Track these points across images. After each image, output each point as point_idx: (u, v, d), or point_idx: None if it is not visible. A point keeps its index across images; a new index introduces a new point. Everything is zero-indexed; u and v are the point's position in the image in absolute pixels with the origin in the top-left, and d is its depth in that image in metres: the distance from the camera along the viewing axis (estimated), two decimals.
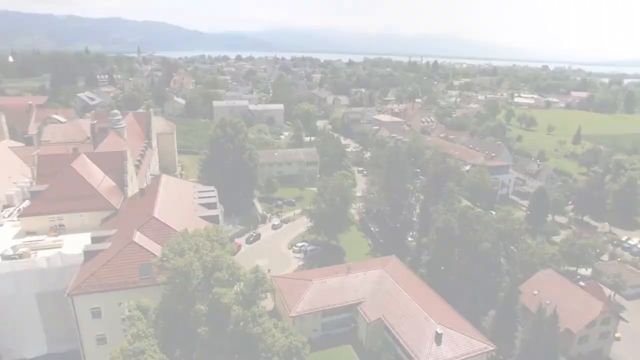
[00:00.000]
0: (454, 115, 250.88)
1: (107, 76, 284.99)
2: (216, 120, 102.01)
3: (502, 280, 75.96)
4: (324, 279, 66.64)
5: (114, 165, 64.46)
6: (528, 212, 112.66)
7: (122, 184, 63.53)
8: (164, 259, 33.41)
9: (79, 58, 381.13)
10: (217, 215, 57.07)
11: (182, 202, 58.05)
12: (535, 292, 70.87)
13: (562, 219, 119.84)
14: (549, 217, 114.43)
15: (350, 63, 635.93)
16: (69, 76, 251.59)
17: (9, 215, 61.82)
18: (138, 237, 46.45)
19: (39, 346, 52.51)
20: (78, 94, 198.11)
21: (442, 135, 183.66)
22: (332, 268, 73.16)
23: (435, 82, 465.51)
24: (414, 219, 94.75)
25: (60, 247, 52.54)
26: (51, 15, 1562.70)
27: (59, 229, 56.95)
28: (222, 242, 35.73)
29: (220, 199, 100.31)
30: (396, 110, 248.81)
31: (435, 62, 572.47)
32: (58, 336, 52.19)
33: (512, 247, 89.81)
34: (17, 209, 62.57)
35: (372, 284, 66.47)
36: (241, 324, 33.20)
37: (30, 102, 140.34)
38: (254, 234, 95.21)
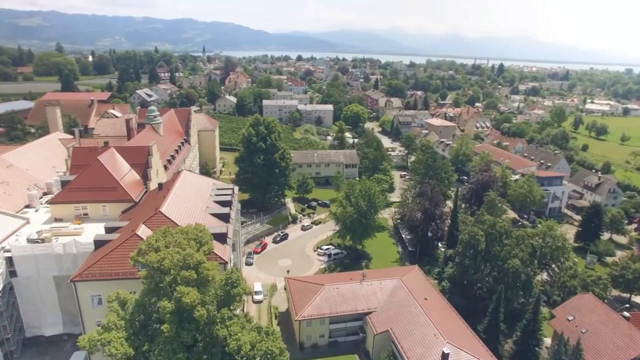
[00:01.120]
0: (513, 120, 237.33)
1: (169, 74, 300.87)
2: (251, 119, 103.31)
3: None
4: (337, 284, 64.93)
5: (139, 159, 67.28)
6: (580, 229, 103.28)
7: (145, 178, 66.15)
8: (140, 253, 33.89)
9: (148, 57, 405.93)
10: (228, 214, 57.37)
11: (196, 199, 59.12)
12: (570, 318, 64.29)
13: (622, 239, 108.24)
14: (605, 236, 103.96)
15: (412, 65, 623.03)
16: (134, 74, 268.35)
17: (46, 202, 66.43)
18: (141, 230, 47.78)
19: (56, 325, 55.80)
20: (137, 91, 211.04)
21: (495, 141, 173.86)
22: (347, 274, 71.31)
23: (499, 86, 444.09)
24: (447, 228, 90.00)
25: (80, 235, 55.45)
26: (130, 18, 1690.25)
27: (83, 218, 60.25)
28: (201, 241, 35.58)
29: (252, 197, 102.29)
30: (451, 115, 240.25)
31: (501, 65, 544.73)
32: (73, 318, 55.11)
33: (553, 266, 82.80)
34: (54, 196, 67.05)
35: (385, 294, 63.73)
36: (213, 324, 32.86)
37: (92, 98, 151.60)
38: (282, 234, 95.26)
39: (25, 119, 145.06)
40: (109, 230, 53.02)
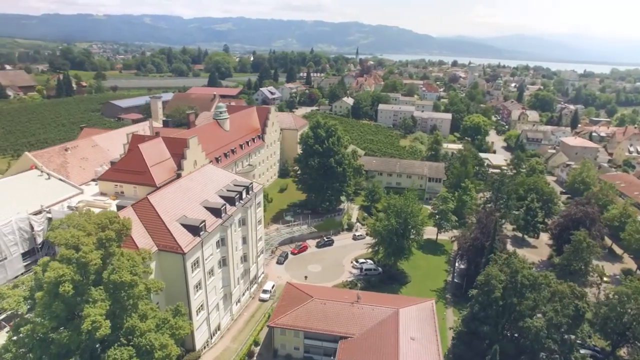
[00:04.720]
0: None
1: (305, 74, 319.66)
2: (312, 123, 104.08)
3: None
4: (326, 300, 61.83)
5: (178, 150, 74.49)
6: None
7: (178, 167, 73.08)
8: (52, 228, 38.55)
9: (301, 57, 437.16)
10: (219, 209, 59.92)
11: (200, 191, 62.99)
12: None
13: None
14: None
15: (586, 74, 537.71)
16: (273, 72, 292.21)
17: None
18: (126, 212, 53.58)
19: None
20: (260, 89, 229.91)
21: None
22: (346, 291, 67.28)
23: None
24: None
25: (106, 209, 64.49)
26: (303, 21, 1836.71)
27: (119, 195, 69.85)
28: (104, 227, 38.52)
29: (307, 198, 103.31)
30: (601, 134, 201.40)
31: None
32: None
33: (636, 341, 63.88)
34: None
35: (372, 322, 58.02)
36: (86, 303, 35.71)
37: (215, 93, 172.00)
38: (326, 240, 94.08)
39: (163, 109, 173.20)
40: (119, 208, 60.59)
